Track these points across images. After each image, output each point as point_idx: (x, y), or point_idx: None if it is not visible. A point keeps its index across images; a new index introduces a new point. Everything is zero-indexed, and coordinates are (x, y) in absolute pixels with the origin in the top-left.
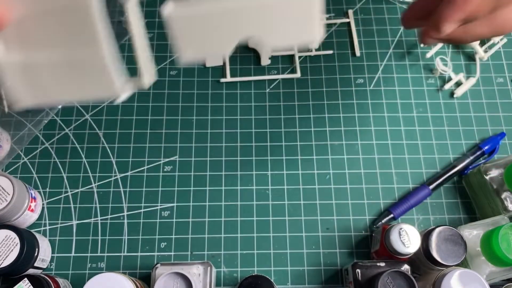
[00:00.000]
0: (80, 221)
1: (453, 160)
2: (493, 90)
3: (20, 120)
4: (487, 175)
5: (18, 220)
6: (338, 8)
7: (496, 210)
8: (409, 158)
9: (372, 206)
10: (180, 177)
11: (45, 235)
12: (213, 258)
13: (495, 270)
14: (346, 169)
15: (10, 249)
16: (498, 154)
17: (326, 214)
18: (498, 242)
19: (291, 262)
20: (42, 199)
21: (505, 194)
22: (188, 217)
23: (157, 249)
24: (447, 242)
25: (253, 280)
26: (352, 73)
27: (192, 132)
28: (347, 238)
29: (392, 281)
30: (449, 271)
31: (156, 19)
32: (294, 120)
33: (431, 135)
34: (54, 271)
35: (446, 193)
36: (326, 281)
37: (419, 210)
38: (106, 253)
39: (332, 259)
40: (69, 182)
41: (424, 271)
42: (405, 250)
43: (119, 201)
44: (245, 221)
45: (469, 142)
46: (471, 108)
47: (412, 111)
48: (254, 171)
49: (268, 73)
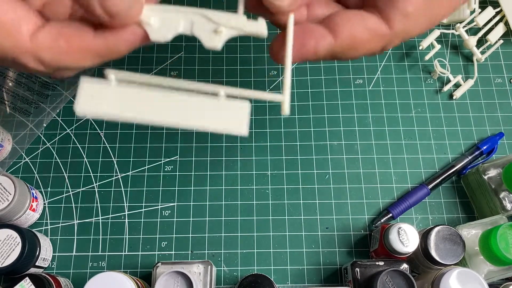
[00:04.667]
0: (81, 221)
1: (451, 160)
2: (491, 90)
3: (21, 120)
4: (486, 175)
5: (19, 219)
6: None
7: (494, 210)
8: (408, 158)
9: (371, 205)
10: (180, 177)
11: (47, 235)
12: (214, 257)
13: (493, 269)
14: (346, 169)
15: (12, 249)
16: (496, 154)
17: (325, 214)
18: (497, 242)
19: (291, 261)
20: (43, 199)
21: (503, 194)
22: (188, 217)
23: (158, 248)
24: (445, 242)
25: (253, 279)
26: (351, 74)
27: (193, 132)
28: (346, 237)
29: (391, 280)
30: (448, 270)
31: None
32: (294, 120)
33: (430, 135)
34: (56, 270)
35: (445, 192)
36: (325, 280)
37: (418, 209)
38: (107, 252)
39: (331, 258)
40: (71, 182)
41: (423, 270)
42: (404, 249)
43: (120, 200)
44: (245, 221)
45: (467, 142)
46: (469, 108)
47: (411, 111)
48: (254, 171)
49: (268, 74)
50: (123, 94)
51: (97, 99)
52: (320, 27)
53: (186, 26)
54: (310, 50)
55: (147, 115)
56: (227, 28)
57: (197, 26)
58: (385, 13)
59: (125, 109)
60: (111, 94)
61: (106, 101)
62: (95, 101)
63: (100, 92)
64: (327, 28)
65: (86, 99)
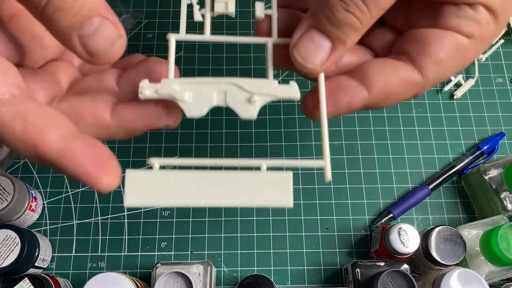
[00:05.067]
0: (80, 221)
1: (452, 160)
2: (492, 90)
3: None
4: (486, 175)
5: (18, 220)
6: None
7: (495, 210)
8: (409, 158)
9: (371, 205)
10: None
11: (46, 235)
12: (213, 258)
13: (494, 270)
14: (346, 169)
15: (11, 249)
16: (497, 154)
17: (325, 214)
18: (497, 242)
19: (291, 261)
20: (42, 199)
21: (504, 194)
22: (188, 217)
23: (157, 249)
24: (446, 242)
25: (253, 280)
26: None
27: (192, 132)
28: (346, 237)
29: (391, 280)
30: (449, 271)
31: (156, 19)
32: (294, 120)
33: (431, 135)
34: (55, 271)
35: (446, 193)
36: (325, 281)
37: (418, 209)
38: (106, 252)
39: (331, 259)
40: (70, 182)
41: (423, 270)
42: (404, 249)
43: (119, 200)
44: (245, 221)
45: (468, 142)
46: (470, 108)
47: (412, 111)
48: None
49: None
50: (168, 181)
51: (144, 189)
52: (352, 81)
53: (219, 98)
54: (344, 107)
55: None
56: (260, 96)
57: (230, 96)
58: (417, 61)
59: (172, 196)
60: (156, 182)
61: (152, 191)
62: (142, 192)
63: (146, 182)
64: (360, 81)
65: (133, 191)
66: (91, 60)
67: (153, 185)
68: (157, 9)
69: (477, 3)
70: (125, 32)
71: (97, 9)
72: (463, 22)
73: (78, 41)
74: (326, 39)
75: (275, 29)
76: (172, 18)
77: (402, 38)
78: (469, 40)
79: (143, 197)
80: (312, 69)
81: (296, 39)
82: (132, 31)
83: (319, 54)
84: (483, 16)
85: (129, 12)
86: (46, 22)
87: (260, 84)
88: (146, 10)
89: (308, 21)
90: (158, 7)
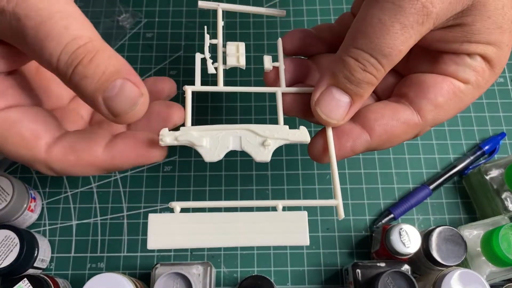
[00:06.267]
0: (79, 221)
1: (453, 160)
2: (493, 90)
3: None
4: (488, 175)
5: (17, 220)
6: (338, 8)
7: (496, 210)
8: (409, 158)
9: (372, 206)
10: (179, 177)
11: (45, 235)
12: (213, 258)
13: (495, 270)
14: (346, 169)
15: (10, 249)
16: (498, 154)
17: (326, 214)
18: (499, 242)
19: (291, 262)
20: (41, 199)
21: (505, 194)
22: None
23: (157, 249)
24: (447, 242)
25: (253, 281)
26: None
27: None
28: (347, 238)
29: (392, 281)
30: (450, 271)
31: (156, 19)
32: (294, 120)
33: (431, 135)
34: (54, 271)
35: (446, 193)
36: (326, 281)
37: (419, 210)
38: (105, 253)
39: (332, 259)
40: (69, 182)
41: (424, 271)
42: (405, 250)
43: (118, 201)
44: None
45: (469, 142)
46: (471, 108)
47: None
48: (254, 171)
49: None
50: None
51: (166, 233)
52: (355, 127)
53: (235, 143)
54: (347, 150)
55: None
56: (274, 139)
57: (245, 141)
58: (416, 104)
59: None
60: (177, 225)
61: (174, 233)
62: (164, 236)
63: (168, 225)
64: (361, 126)
65: (156, 234)
66: (116, 120)
67: (175, 228)
68: (157, 8)
69: (476, 53)
70: (146, 90)
71: (119, 72)
72: (461, 69)
73: (103, 103)
74: (345, 95)
75: (283, 79)
76: (171, 17)
77: (402, 82)
78: (465, 85)
79: (166, 240)
80: (334, 124)
81: (317, 97)
82: (132, 31)
83: (340, 109)
84: (479, 65)
85: (129, 11)
86: (74, 88)
87: (272, 129)
88: (145, 9)
89: (327, 80)
90: (158, 7)
